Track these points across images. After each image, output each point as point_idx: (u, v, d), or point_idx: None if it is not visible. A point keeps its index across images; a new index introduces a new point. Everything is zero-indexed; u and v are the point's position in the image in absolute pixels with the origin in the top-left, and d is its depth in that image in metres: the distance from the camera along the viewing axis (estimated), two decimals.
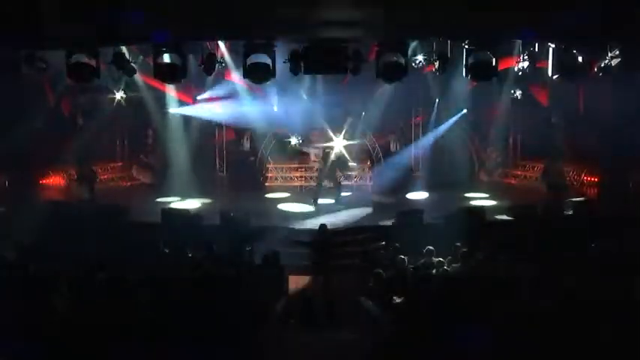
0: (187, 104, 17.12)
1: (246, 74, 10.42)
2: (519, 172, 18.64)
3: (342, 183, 16.41)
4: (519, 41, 12.52)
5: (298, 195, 16.87)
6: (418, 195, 16.38)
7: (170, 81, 11.97)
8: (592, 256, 9.01)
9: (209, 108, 17.04)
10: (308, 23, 9.30)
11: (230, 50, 12.64)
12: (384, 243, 10.89)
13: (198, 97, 16.83)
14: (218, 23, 9.32)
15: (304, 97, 16.81)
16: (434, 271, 8.76)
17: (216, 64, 11.77)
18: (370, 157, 18.11)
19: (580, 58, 10.98)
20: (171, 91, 16.35)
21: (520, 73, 13.97)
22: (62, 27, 9.01)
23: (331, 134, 16.43)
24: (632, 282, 7.00)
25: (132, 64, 11.42)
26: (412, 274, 8.52)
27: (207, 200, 15.70)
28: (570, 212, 12.97)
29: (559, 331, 5.87)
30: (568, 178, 16.55)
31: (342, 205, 15.45)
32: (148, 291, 7.24)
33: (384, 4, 8.84)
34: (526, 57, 13.20)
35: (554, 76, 12.03)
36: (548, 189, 14.83)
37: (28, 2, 8.71)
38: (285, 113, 17.12)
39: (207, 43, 12.20)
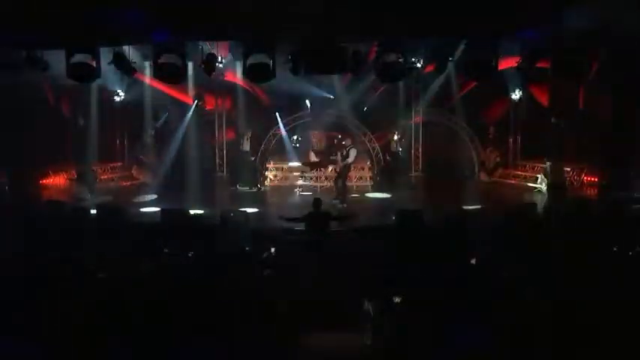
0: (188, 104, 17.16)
1: (246, 74, 10.43)
2: (519, 172, 18.63)
3: None
4: (519, 41, 12.52)
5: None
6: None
7: (170, 81, 11.97)
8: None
9: None
10: (308, 23, 9.31)
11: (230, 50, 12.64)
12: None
13: None
14: (218, 23, 9.33)
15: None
16: None
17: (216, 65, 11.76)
18: (370, 157, 18.10)
19: (579, 58, 10.98)
20: (171, 91, 16.35)
21: (520, 73, 13.93)
22: (62, 27, 9.03)
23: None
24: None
25: (132, 64, 11.42)
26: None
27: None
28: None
29: (558, 331, 5.87)
30: (568, 178, 16.54)
31: None
32: (147, 290, 7.24)
33: (384, 4, 8.86)
34: (526, 57, 13.19)
35: (554, 76, 12.03)
36: (548, 189, 14.81)
37: (28, 2, 8.73)
38: None
39: (208, 43, 12.19)
